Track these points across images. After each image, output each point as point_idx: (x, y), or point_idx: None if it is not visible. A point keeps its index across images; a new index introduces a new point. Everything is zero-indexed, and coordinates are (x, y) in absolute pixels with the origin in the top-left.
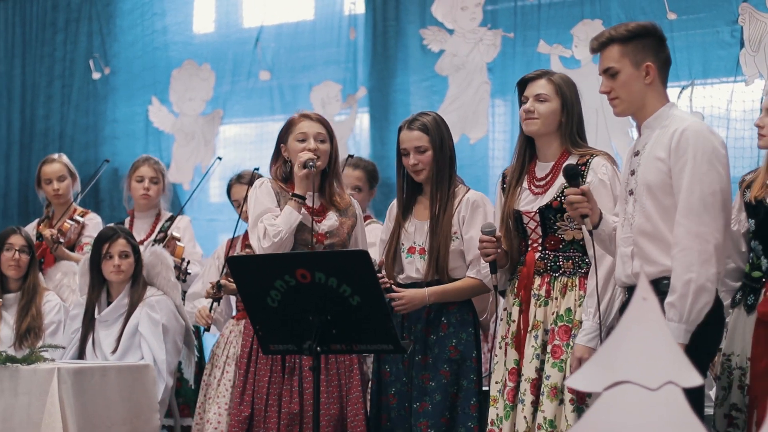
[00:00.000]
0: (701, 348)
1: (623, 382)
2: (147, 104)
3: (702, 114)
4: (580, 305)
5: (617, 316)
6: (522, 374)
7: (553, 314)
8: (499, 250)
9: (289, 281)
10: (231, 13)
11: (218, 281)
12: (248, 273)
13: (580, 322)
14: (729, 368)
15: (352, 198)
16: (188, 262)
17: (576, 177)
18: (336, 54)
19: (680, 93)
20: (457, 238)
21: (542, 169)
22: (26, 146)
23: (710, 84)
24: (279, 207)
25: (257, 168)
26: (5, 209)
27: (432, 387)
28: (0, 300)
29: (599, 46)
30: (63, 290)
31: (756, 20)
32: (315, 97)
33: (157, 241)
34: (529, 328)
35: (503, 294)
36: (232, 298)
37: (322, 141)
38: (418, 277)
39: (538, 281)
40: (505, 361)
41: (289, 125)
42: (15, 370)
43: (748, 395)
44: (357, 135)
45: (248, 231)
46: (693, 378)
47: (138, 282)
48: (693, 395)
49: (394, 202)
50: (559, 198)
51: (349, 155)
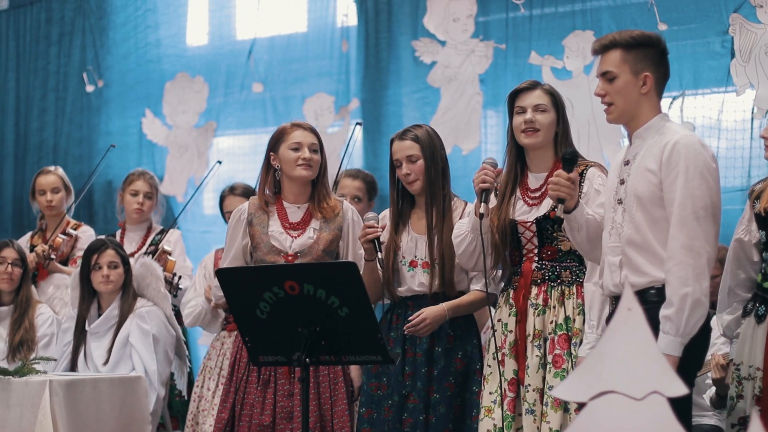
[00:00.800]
0: (689, 358)
1: (609, 392)
2: (140, 117)
3: (693, 124)
4: (579, 314)
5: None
6: (528, 384)
7: (552, 323)
8: (496, 185)
9: (278, 293)
10: (224, 26)
11: None
12: (237, 285)
13: (580, 331)
14: (738, 378)
15: (344, 203)
16: (179, 277)
17: (573, 163)
18: (329, 66)
19: (671, 103)
20: None
21: (535, 180)
22: (20, 159)
23: (701, 94)
24: (252, 228)
25: None
26: (0, 222)
27: (436, 399)
28: None
29: (601, 49)
30: (55, 303)
31: (746, 30)
32: (308, 109)
33: (148, 254)
34: (530, 338)
35: (494, 304)
36: None
37: (315, 151)
38: (421, 290)
39: (535, 291)
40: (503, 372)
41: (281, 134)
42: (7, 383)
43: (759, 405)
44: (349, 146)
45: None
46: (677, 387)
47: (128, 293)
48: (679, 404)
49: (386, 212)
50: (556, 209)
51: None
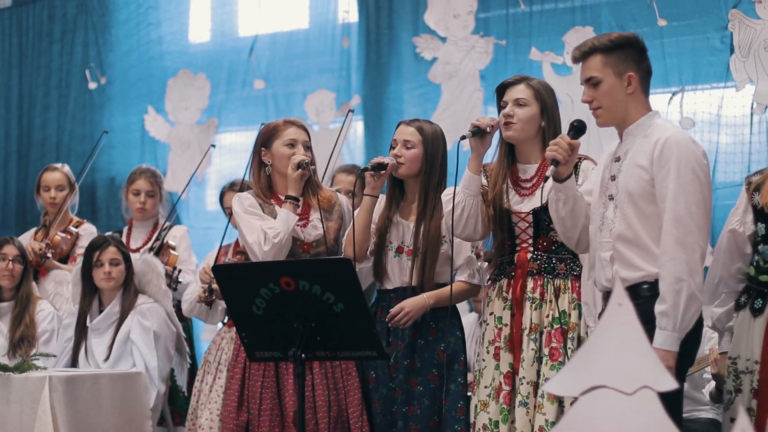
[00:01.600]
0: (681, 354)
1: (600, 387)
2: (143, 113)
3: (693, 119)
4: (575, 308)
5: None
6: (522, 377)
7: (548, 317)
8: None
9: (274, 289)
10: (226, 22)
11: (209, 285)
12: (233, 281)
13: (576, 325)
14: (735, 371)
15: (338, 195)
16: (179, 271)
17: (579, 132)
18: (330, 62)
19: (671, 98)
20: (446, 242)
21: (525, 172)
22: (24, 156)
23: (701, 89)
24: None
25: None
26: (3, 218)
27: (420, 391)
28: None
29: (581, 56)
30: (56, 299)
31: (745, 26)
32: (309, 106)
33: (153, 250)
34: (527, 332)
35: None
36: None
37: (308, 148)
38: (406, 281)
39: (531, 283)
40: (498, 365)
41: (274, 130)
42: (7, 379)
43: (756, 399)
44: (351, 143)
45: (240, 241)
46: (667, 382)
47: (129, 290)
48: (670, 399)
49: (383, 197)
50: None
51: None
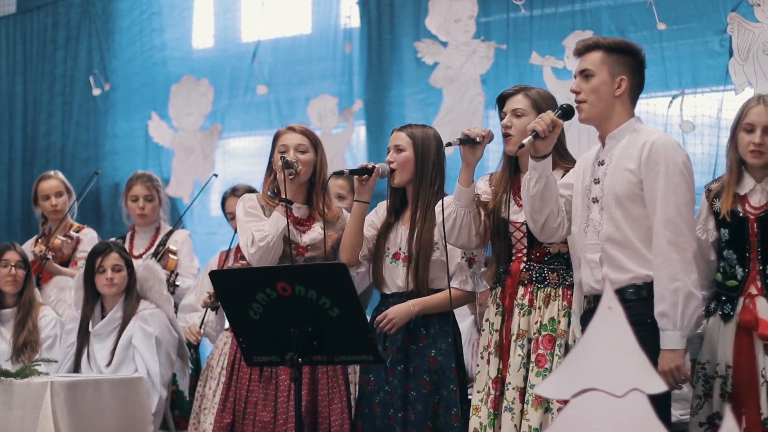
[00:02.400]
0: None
1: (590, 390)
2: (146, 119)
3: (693, 123)
4: (564, 315)
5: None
6: (508, 383)
7: (537, 323)
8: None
9: (270, 294)
10: (229, 28)
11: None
12: (230, 286)
13: (565, 332)
14: (704, 377)
15: (343, 210)
16: (176, 275)
17: (566, 115)
18: (332, 68)
19: (671, 102)
20: (438, 249)
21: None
22: (28, 162)
23: (700, 93)
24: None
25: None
26: (9, 224)
27: (413, 396)
28: None
29: (584, 49)
30: (59, 305)
31: (744, 29)
32: (312, 111)
33: (155, 254)
34: (514, 337)
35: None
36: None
37: (303, 151)
38: (401, 286)
39: (522, 291)
40: (488, 370)
41: (275, 138)
42: (9, 384)
43: (730, 403)
44: (354, 147)
45: (239, 243)
46: (656, 385)
47: (131, 296)
48: (659, 401)
49: (383, 203)
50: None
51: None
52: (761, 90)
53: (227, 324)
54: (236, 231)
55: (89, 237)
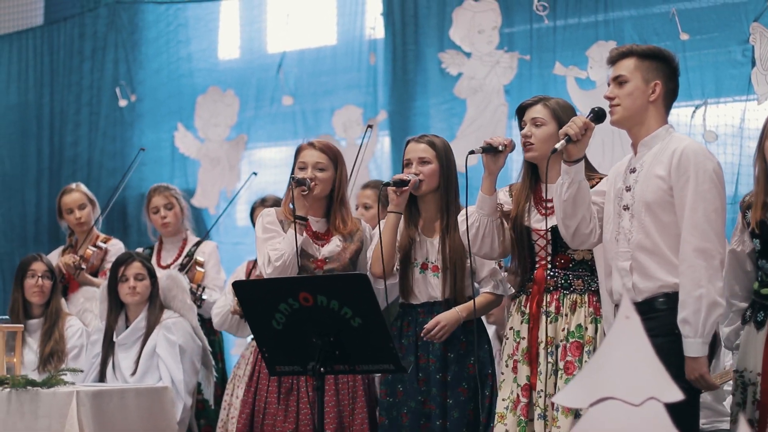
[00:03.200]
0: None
1: (609, 398)
2: (173, 130)
3: (716, 132)
4: (591, 322)
5: None
6: (540, 390)
7: (564, 330)
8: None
9: (293, 304)
10: (255, 39)
11: None
12: (253, 297)
13: (592, 339)
14: (743, 384)
15: (362, 221)
16: (203, 288)
17: (598, 117)
18: (357, 78)
19: (694, 112)
20: (468, 257)
21: (549, 191)
22: (55, 173)
23: (723, 103)
24: (284, 230)
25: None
26: (36, 235)
27: (450, 404)
28: (21, 326)
29: (618, 56)
30: (85, 315)
31: (766, 39)
32: (337, 122)
33: (182, 266)
34: (543, 345)
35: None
36: None
37: (321, 169)
38: (435, 296)
39: (548, 298)
40: (516, 378)
41: (297, 153)
42: (35, 394)
43: (759, 410)
44: (378, 158)
45: (257, 261)
46: (674, 393)
47: (155, 305)
48: (683, 409)
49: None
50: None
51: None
52: None
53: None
54: None
55: (117, 248)
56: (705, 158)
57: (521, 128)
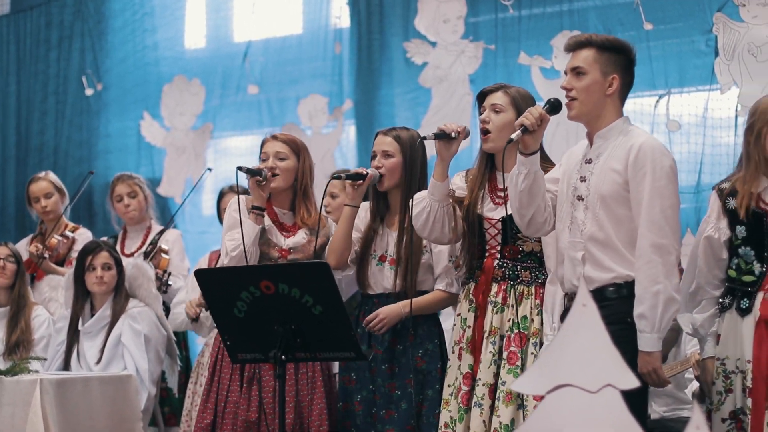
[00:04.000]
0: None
1: (565, 386)
2: (139, 119)
3: (679, 122)
4: (537, 314)
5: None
6: (479, 378)
7: (509, 321)
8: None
9: (254, 292)
10: (221, 28)
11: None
12: (215, 285)
13: (538, 330)
14: (725, 372)
15: (329, 219)
16: (169, 274)
17: (554, 109)
18: (322, 67)
19: (657, 101)
20: (427, 252)
21: (504, 180)
22: (22, 161)
23: (686, 92)
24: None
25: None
26: (2, 224)
27: (398, 395)
28: None
29: (576, 45)
30: (50, 304)
31: (730, 29)
32: (302, 110)
33: (146, 254)
34: (486, 334)
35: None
36: None
37: (282, 159)
38: (389, 288)
39: (495, 288)
40: (460, 365)
41: (261, 146)
42: None
43: (752, 398)
44: (343, 147)
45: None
46: (630, 380)
47: (120, 294)
48: (634, 398)
49: (366, 204)
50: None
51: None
52: (746, 90)
53: None
54: None
55: (84, 237)
56: (662, 155)
57: (480, 114)
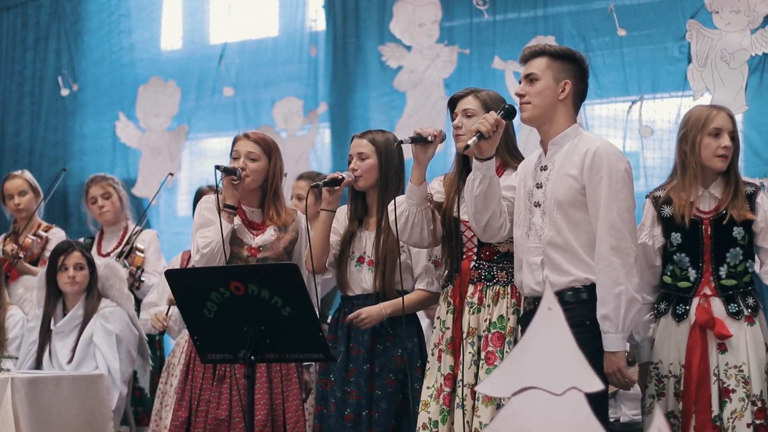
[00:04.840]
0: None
1: (530, 388)
2: (114, 120)
3: (651, 128)
4: (513, 313)
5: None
6: (460, 380)
7: (486, 321)
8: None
9: (224, 293)
10: (197, 30)
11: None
12: (185, 285)
13: (513, 329)
14: (657, 376)
15: (298, 212)
16: (142, 271)
17: (509, 115)
18: (298, 70)
19: (630, 107)
20: (404, 252)
21: None
22: None
23: (659, 98)
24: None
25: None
26: None
27: (378, 395)
28: None
29: (531, 55)
30: (24, 304)
31: (703, 36)
32: (277, 113)
33: (123, 253)
34: (465, 335)
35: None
36: None
37: (253, 159)
38: (367, 288)
39: (471, 289)
40: (440, 367)
41: (232, 144)
42: None
43: (682, 402)
44: (318, 150)
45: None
46: (594, 383)
47: (93, 294)
48: (596, 400)
49: (344, 207)
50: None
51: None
52: (719, 96)
53: None
54: None
55: (58, 236)
56: (617, 159)
57: (453, 119)
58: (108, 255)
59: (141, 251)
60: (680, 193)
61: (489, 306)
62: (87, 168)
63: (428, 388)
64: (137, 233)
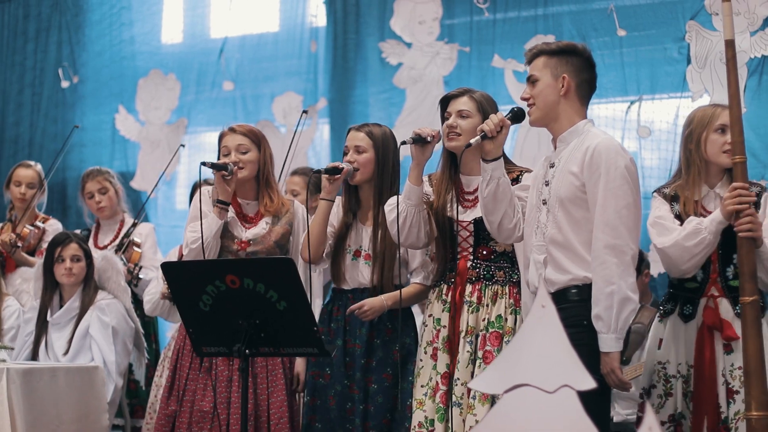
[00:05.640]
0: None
1: (523, 385)
2: (114, 113)
3: (650, 128)
4: (511, 313)
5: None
6: (457, 378)
7: (484, 320)
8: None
9: (220, 286)
10: (198, 24)
11: None
12: (181, 278)
13: (512, 329)
14: (665, 376)
15: (295, 203)
16: (140, 268)
17: (516, 118)
18: (297, 65)
19: (629, 107)
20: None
21: (470, 183)
22: None
23: (658, 99)
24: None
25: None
26: None
27: (374, 389)
28: None
29: (531, 57)
30: (22, 295)
31: (702, 38)
32: (277, 108)
33: (119, 246)
34: (463, 334)
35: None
36: None
37: (244, 152)
38: (364, 282)
39: (470, 288)
40: (436, 365)
41: (218, 141)
42: None
43: (693, 402)
44: (317, 145)
45: None
46: (587, 381)
47: (89, 286)
48: (595, 399)
49: (338, 199)
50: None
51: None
52: (717, 98)
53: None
54: None
55: (54, 228)
56: (617, 155)
57: (444, 119)
58: (105, 248)
59: (138, 246)
60: (685, 192)
61: (487, 305)
62: (86, 160)
63: (422, 387)
64: (134, 226)
